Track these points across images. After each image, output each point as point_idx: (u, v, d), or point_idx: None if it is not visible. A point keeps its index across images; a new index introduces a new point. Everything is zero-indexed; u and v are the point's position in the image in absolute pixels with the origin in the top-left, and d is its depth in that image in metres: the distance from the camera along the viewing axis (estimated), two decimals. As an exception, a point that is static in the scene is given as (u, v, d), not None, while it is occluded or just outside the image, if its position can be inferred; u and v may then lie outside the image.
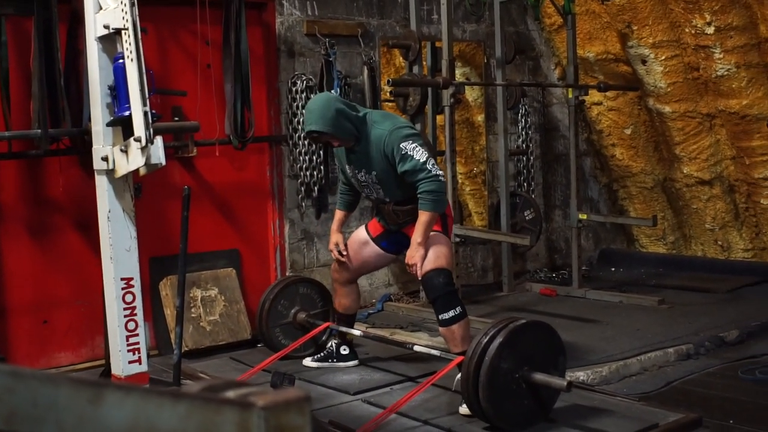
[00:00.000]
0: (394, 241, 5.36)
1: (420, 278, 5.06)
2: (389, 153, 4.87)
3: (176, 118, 6.34)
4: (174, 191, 6.43)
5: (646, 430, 4.42)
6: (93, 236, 6.05)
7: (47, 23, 5.36)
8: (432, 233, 4.97)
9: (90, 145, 5.46)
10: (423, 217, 4.88)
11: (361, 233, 5.47)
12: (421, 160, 4.83)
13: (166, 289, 6.37)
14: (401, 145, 4.84)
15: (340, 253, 5.39)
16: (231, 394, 1.29)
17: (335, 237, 5.43)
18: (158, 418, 1.24)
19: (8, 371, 1.25)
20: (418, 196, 4.88)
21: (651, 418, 4.56)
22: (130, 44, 3.92)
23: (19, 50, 5.70)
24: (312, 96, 6.94)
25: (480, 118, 8.79)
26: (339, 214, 5.50)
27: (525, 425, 4.44)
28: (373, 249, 5.41)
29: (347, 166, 5.17)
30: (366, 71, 7.41)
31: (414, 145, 4.85)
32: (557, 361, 4.52)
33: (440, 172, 4.90)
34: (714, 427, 4.66)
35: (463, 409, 4.62)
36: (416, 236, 4.92)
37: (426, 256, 4.94)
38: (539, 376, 4.34)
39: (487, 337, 4.30)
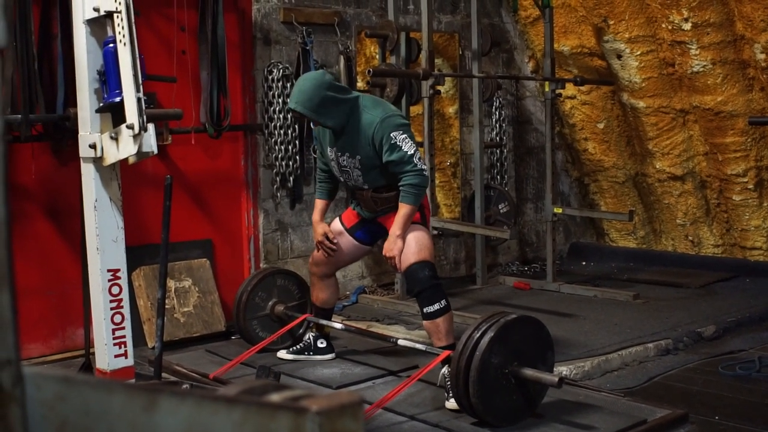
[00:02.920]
0: (369, 231, 5.30)
1: (402, 271, 5.00)
2: (378, 140, 4.79)
3: (151, 105, 6.19)
4: (147, 180, 6.30)
5: (635, 426, 4.40)
6: (65, 225, 5.93)
7: (21, 6, 5.20)
8: (412, 224, 4.91)
9: (66, 131, 5.37)
10: (403, 209, 4.83)
11: (335, 225, 5.38)
12: (409, 153, 4.77)
13: (139, 279, 6.24)
14: (391, 134, 4.76)
15: (330, 241, 5.25)
16: (277, 397, 1.23)
17: (321, 227, 5.27)
18: (213, 425, 1.19)
19: (60, 377, 1.17)
20: (401, 188, 4.82)
21: (638, 414, 4.55)
22: (123, 28, 3.79)
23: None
24: (288, 85, 6.85)
25: (451, 109, 8.74)
26: (320, 204, 5.36)
27: (513, 420, 4.40)
28: (348, 240, 5.33)
29: (330, 149, 5.06)
30: (342, 60, 7.32)
31: (404, 136, 4.78)
32: (546, 356, 4.49)
33: (425, 167, 4.87)
34: (700, 423, 4.66)
35: (450, 404, 4.57)
36: (395, 228, 4.86)
37: (404, 248, 4.88)
38: (529, 372, 4.29)
39: (479, 332, 4.24)
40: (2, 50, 1.10)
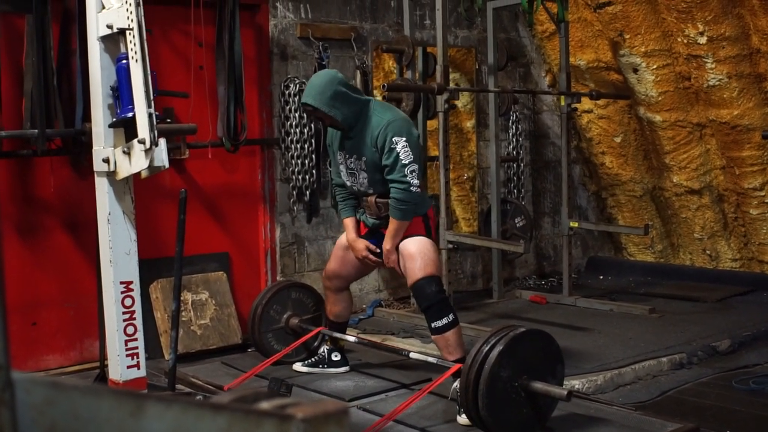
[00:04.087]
0: (376, 243, 5.24)
1: (409, 286, 5.04)
2: (381, 142, 4.82)
3: (168, 120, 6.27)
4: (165, 193, 6.37)
5: (645, 440, 4.40)
6: (83, 238, 6.00)
7: (41, 22, 5.29)
8: (417, 237, 4.94)
9: (83, 145, 5.44)
10: (392, 225, 4.91)
11: (343, 239, 5.41)
12: (404, 162, 4.79)
13: (156, 292, 6.30)
14: (393, 138, 4.79)
15: (373, 252, 5.17)
16: (265, 405, 1.26)
17: (360, 243, 5.19)
18: (198, 431, 1.21)
19: (50, 383, 1.21)
20: (389, 200, 4.87)
21: (649, 428, 4.55)
22: (135, 45, 3.86)
23: (10, 48, 5.62)
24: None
25: (469, 124, 8.77)
26: (350, 222, 5.27)
27: (523, 434, 4.41)
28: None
29: (340, 152, 5.09)
30: (359, 75, 7.38)
31: (405, 144, 4.80)
32: (555, 369, 4.50)
33: (416, 182, 4.82)
34: (711, 438, 4.66)
35: (462, 419, 4.58)
36: (386, 243, 4.97)
37: (410, 263, 4.90)
38: (539, 385, 4.31)
39: (488, 346, 4.27)
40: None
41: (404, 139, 4.81)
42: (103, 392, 1.22)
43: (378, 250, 5.16)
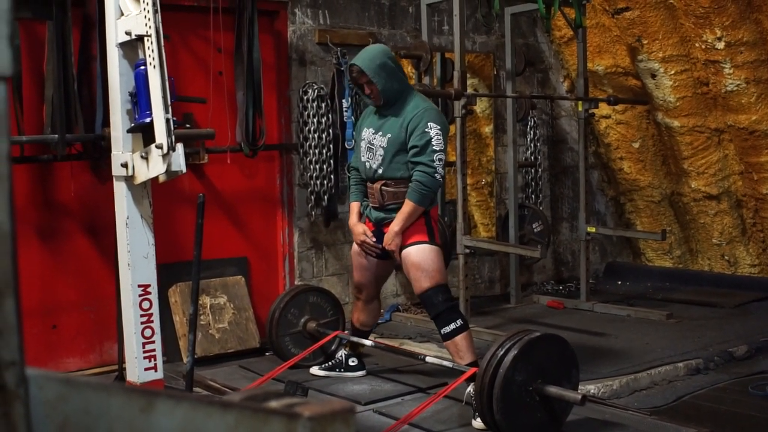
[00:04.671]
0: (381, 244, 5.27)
1: (417, 295, 5.08)
2: (414, 124, 4.91)
3: (188, 125, 6.33)
4: (184, 198, 6.43)
5: (659, 444, 4.41)
6: (102, 242, 6.07)
7: (62, 28, 5.36)
8: (420, 245, 4.96)
9: (103, 150, 5.51)
10: (407, 206, 4.92)
11: (354, 247, 5.43)
12: (435, 148, 4.87)
13: (175, 296, 6.36)
14: (429, 123, 4.89)
15: (370, 239, 5.21)
16: (274, 403, 1.29)
17: (359, 227, 5.25)
18: (207, 427, 1.25)
19: (62, 379, 1.25)
20: (410, 183, 4.90)
21: (663, 433, 4.55)
22: (152, 51, 3.91)
23: (31, 54, 5.70)
24: (323, 105, 6.98)
25: (488, 129, 8.79)
26: (354, 206, 5.36)
27: (537, 438, 4.43)
28: (371, 259, 5.35)
29: (367, 129, 5.17)
30: (377, 81, 7.40)
31: (438, 132, 4.90)
32: (570, 374, 4.52)
33: (441, 171, 4.91)
34: (726, 443, 4.65)
35: (477, 423, 4.61)
36: (394, 224, 4.97)
37: (416, 272, 4.93)
38: (553, 389, 4.33)
39: (503, 350, 4.29)
40: (8, 78, 1.19)
41: (439, 127, 4.91)
42: (113, 389, 1.26)
43: (379, 246, 5.18)
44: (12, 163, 1.20)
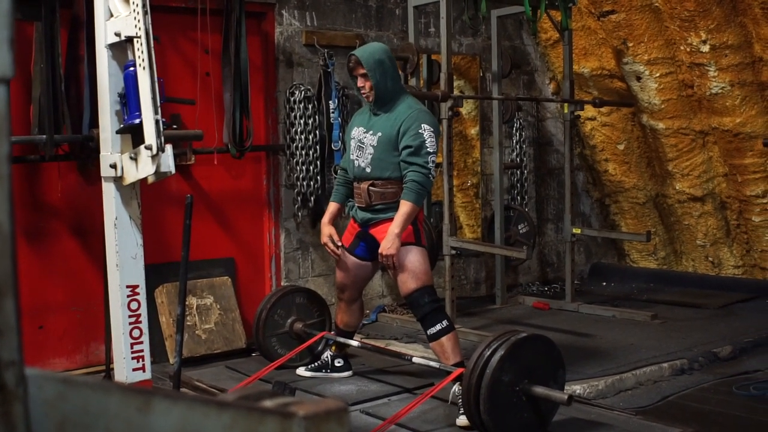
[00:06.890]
0: (366, 247, 5.30)
1: (403, 296, 5.10)
2: (407, 125, 4.94)
3: (174, 126, 6.33)
4: (171, 199, 6.43)
5: (645, 444, 4.44)
6: (89, 242, 6.06)
7: (50, 28, 5.36)
8: (406, 247, 4.97)
9: (91, 151, 5.50)
10: (404, 207, 4.91)
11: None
12: (428, 149, 4.91)
13: (162, 296, 6.36)
14: (423, 125, 4.93)
15: (335, 245, 5.28)
16: (269, 403, 1.30)
17: (327, 229, 5.29)
18: (204, 427, 1.26)
19: (61, 379, 1.26)
20: (404, 184, 4.92)
21: (649, 433, 4.59)
22: (142, 52, 3.92)
23: (19, 55, 5.68)
24: (310, 106, 6.99)
25: (473, 131, 8.82)
26: (332, 207, 5.39)
27: (524, 438, 4.46)
28: (352, 260, 5.38)
29: (357, 128, 5.21)
30: (363, 82, 7.42)
31: (431, 135, 4.94)
32: (557, 374, 4.55)
33: (434, 173, 4.96)
34: (711, 443, 4.69)
35: (461, 421, 4.64)
36: (393, 227, 4.93)
37: (402, 273, 4.95)
38: (540, 389, 4.36)
39: (489, 350, 4.32)
40: (8, 80, 1.20)
41: (432, 130, 4.96)
42: (112, 388, 1.27)
43: (340, 244, 5.28)
44: (12, 164, 1.22)
